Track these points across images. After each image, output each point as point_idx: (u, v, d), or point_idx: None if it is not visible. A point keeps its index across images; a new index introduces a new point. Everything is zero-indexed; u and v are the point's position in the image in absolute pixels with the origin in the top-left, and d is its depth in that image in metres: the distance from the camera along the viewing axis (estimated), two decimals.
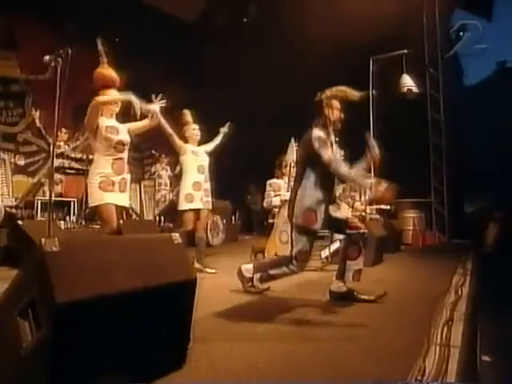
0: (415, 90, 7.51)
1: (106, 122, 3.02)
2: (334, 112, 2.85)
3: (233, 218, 8.67)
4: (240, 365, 1.65)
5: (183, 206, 3.99)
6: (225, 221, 7.71)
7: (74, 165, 6.18)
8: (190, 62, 9.46)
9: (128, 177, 3.14)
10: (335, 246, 4.40)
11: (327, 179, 2.73)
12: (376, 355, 1.78)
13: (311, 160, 2.72)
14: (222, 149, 4.39)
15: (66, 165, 5.87)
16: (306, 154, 2.79)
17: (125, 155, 3.12)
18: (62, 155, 5.96)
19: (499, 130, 17.65)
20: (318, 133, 2.72)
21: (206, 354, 1.70)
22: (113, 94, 3.03)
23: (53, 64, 2.43)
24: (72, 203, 6.00)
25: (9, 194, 5.30)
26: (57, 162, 5.88)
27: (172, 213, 7.64)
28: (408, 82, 7.48)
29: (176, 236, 1.55)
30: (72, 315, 1.11)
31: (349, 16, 7.24)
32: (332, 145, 2.81)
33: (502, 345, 3.59)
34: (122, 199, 3.09)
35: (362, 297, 2.79)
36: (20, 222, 4.59)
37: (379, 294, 2.82)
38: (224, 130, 4.46)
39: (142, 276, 1.33)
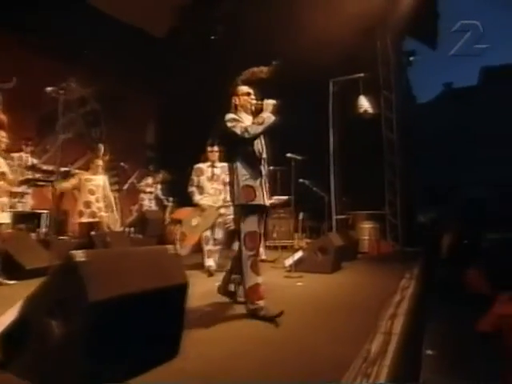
0: (371, 110, 8.16)
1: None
2: (241, 97, 3.01)
3: None
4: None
5: (76, 220, 5.42)
6: None
7: (45, 177, 6.24)
8: (159, 77, 9.73)
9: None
10: (298, 254, 4.83)
11: (253, 155, 2.92)
12: (334, 340, 2.22)
13: (233, 142, 2.89)
14: None
15: (37, 177, 5.93)
16: (227, 139, 2.96)
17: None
18: (33, 168, 6.02)
19: (448, 145, 19.15)
20: (228, 115, 2.90)
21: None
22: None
23: (53, 95, 2.66)
24: (43, 215, 6.07)
25: None
26: (27, 175, 5.97)
27: (141, 224, 7.83)
28: (364, 103, 8.13)
29: (171, 248, 1.89)
30: (99, 311, 1.42)
31: (310, 40, 7.77)
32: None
33: (444, 341, 4.14)
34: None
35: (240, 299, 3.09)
36: None
37: None
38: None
39: (148, 280, 1.66)
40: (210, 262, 4.78)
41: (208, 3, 9.31)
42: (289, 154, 4.89)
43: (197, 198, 4.81)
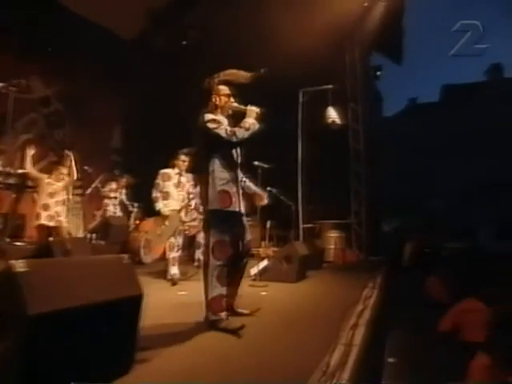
0: (338, 121, 8.32)
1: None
2: (222, 98, 2.86)
3: None
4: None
5: (34, 222, 5.30)
6: None
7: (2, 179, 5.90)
8: (127, 80, 9.51)
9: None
10: (264, 263, 4.79)
11: (231, 160, 2.81)
12: (295, 351, 2.19)
13: (212, 144, 2.73)
14: None
15: None
16: (204, 140, 2.78)
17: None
18: None
19: (410, 157, 19.88)
20: (208, 116, 2.72)
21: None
22: None
23: (4, 91, 2.50)
24: None
25: None
26: None
27: (104, 230, 7.55)
28: (332, 114, 8.27)
29: (125, 257, 1.79)
30: (40, 326, 1.31)
31: (281, 50, 7.85)
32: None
33: (406, 348, 4.21)
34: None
35: (240, 311, 2.96)
36: None
37: (254, 309, 3.05)
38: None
39: (98, 292, 1.55)
40: (175, 270, 4.68)
41: (180, 8, 9.24)
42: (256, 162, 4.87)
43: (160, 205, 4.71)
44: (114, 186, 8.26)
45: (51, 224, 5.02)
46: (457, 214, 18.17)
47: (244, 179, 3.14)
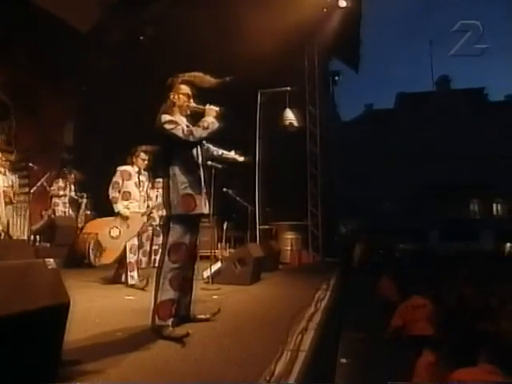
0: (296, 123, 8.38)
1: None
2: (181, 97, 2.78)
3: None
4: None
5: None
6: None
7: None
8: (80, 75, 9.04)
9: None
10: (217, 265, 4.67)
11: (192, 161, 2.74)
12: (238, 359, 2.09)
13: (171, 146, 2.67)
14: None
15: None
16: (163, 142, 2.74)
17: None
18: None
19: (366, 161, 20.55)
20: (165, 117, 2.65)
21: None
22: None
23: None
24: None
25: None
26: None
27: (49, 231, 7.09)
28: (290, 116, 8.31)
29: (50, 262, 1.61)
30: None
31: (240, 49, 7.79)
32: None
33: (358, 348, 4.25)
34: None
35: (199, 317, 2.86)
36: None
37: (213, 311, 2.96)
38: None
39: (14, 302, 1.37)
40: (136, 276, 4.40)
41: (136, 4, 8.92)
42: (209, 162, 4.74)
43: (119, 206, 4.39)
44: (61, 183, 7.80)
45: None
46: (407, 217, 18.99)
47: (220, 151, 3.18)
